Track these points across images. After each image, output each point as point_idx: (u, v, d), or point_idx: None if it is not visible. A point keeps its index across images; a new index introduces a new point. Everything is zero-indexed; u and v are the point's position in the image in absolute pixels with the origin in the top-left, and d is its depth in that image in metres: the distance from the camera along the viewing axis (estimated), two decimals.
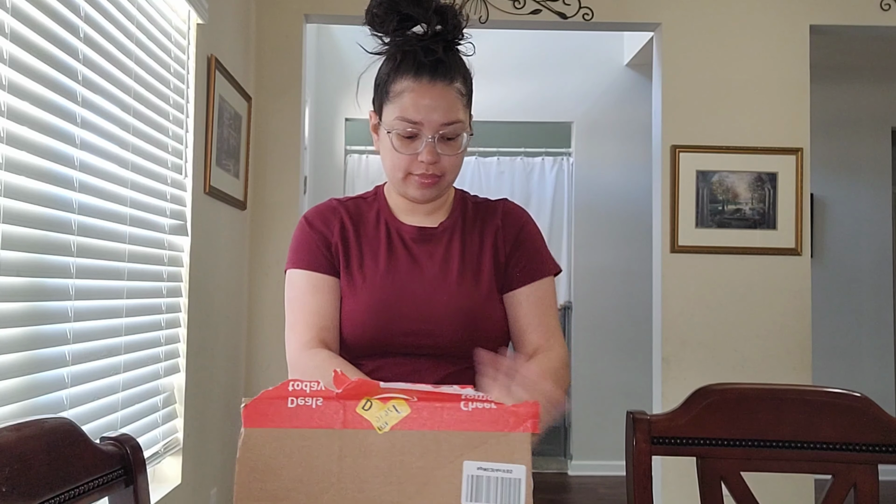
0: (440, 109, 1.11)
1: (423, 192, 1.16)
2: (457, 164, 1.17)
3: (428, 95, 1.11)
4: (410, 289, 1.17)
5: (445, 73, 1.12)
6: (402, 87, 1.12)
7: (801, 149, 3.06)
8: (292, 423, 0.75)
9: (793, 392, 1.14)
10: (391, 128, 1.13)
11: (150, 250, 1.94)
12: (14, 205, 1.29)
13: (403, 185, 1.17)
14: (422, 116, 1.11)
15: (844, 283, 4.41)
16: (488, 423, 0.74)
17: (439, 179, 1.15)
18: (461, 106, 1.14)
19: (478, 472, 0.73)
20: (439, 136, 1.12)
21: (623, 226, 4.40)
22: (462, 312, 1.15)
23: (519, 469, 0.73)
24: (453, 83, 1.13)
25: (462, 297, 1.16)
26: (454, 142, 1.14)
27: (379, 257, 1.20)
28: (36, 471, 0.77)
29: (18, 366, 1.32)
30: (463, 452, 0.73)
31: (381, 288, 1.17)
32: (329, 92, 4.40)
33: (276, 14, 3.02)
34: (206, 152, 2.30)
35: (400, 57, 1.14)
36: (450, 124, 1.12)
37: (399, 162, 1.14)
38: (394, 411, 0.75)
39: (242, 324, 2.88)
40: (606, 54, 4.46)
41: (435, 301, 1.16)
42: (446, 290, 1.16)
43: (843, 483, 1.10)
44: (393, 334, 1.15)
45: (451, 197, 1.27)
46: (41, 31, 1.37)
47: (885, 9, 3.08)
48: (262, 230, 2.98)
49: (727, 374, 2.99)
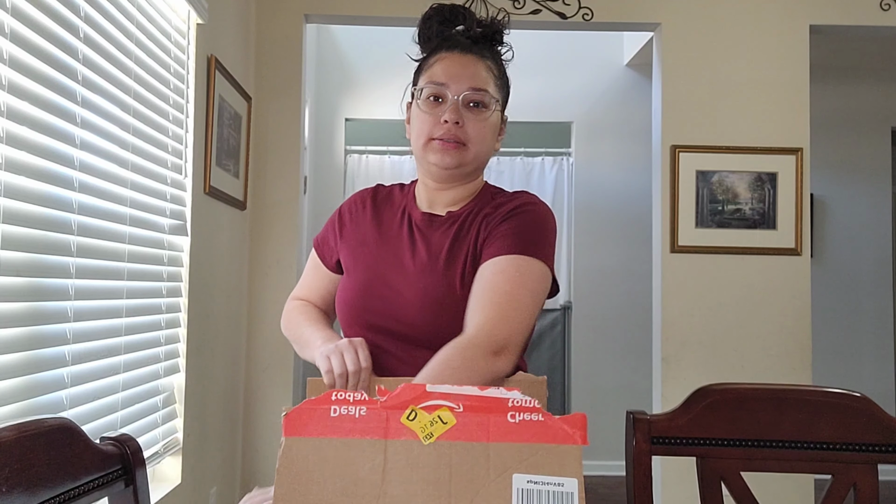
0: (468, 75, 1.14)
1: (442, 156, 1.14)
2: (482, 134, 1.16)
3: (458, 63, 1.15)
4: (396, 272, 1.16)
5: (478, 51, 1.17)
6: (435, 58, 1.18)
7: (801, 149, 3.06)
8: (335, 432, 0.73)
9: (793, 392, 1.13)
10: (420, 93, 1.17)
11: (150, 250, 1.94)
12: (14, 205, 1.29)
13: (424, 153, 1.17)
14: (448, 78, 1.14)
15: (844, 283, 4.40)
16: (536, 435, 0.73)
17: (461, 147, 1.14)
18: (491, 80, 1.17)
19: (528, 485, 0.71)
20: (464, 99, 1.13)
21: (623, 226, 4.40)
22: (435, 303, 1.12)
23: (571, 482, 0.71)
24: (483, 59, 1.17)
25: (437, 287, 1.13)
26: (481, 110, 1.15)
27: (383, 239, 1.21)
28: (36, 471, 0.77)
29: (18, 366, 1.32)
30: (512, 465, 0.72)
31: (370, 268, 1.19)
32: (329, 92, 4.40)
33: (276, 14, 3.02)
34: (205, 152, 2.30)
35: (439, 42, 1.20)
36: (477, 90, 1.14)
37: (424, 125, 1.16)
38: (439, 422, 0.73)
39: (242, 324, 2.88)
40: (606, 54, 4.46)
41: (413, 288, 1.14)
42: (425, 279, 1.14)
43: (842, 483, 1.10)
44: (372, 315, 1.15)
45: (476, 190, 1.23)
46: (41, 31, 1.37)
47: (885, 9, 3.08)
48: (262, 230, 2.98)
49: (727, 374, 2.99)
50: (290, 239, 2.99)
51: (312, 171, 4.27)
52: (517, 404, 0.74)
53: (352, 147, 4.54)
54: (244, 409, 2.90)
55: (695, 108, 3.08)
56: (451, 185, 1.20)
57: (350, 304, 1.18)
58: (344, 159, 4.51)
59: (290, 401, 2.93)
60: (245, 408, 2.90)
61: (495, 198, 1.22)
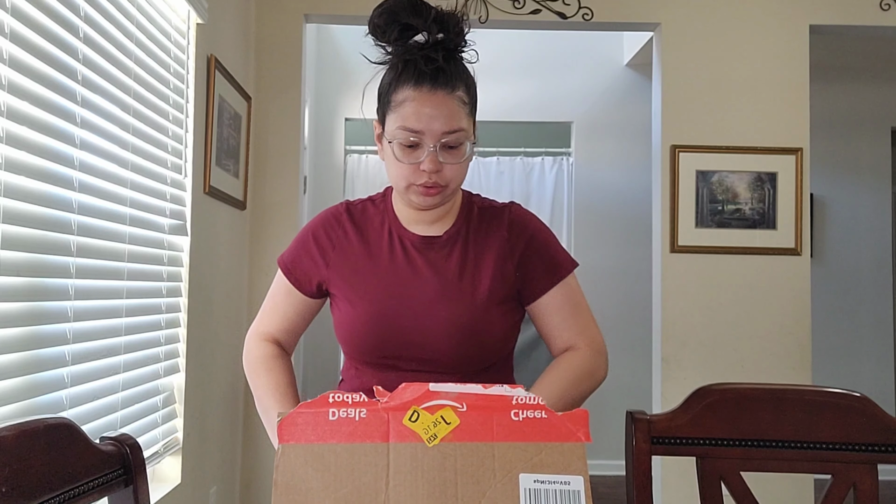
0: (441, 118, 1.09)
1: (426, 200, 1.15)
2: (460, 173, 1.15)
3: (429, 104, 1.09)
4: (409, 300, 1.15)
5: (447, 82, 1.10)
6: (403, 96, 1.11)
7: (801, 149, 3.06)
8: (334, 437, 0.70)
9: (793, 392, 1.13)
10: (393, 137, 1.12)
11: (150, 250, 1.94)
12: (14, 205, 1.29)
13: (407, 194, 1.16)
14: (423, 125, 1.09)
15: (844, 283, 4.40)
16: (541, 434, 0.72)
17: (443, 189, 1.14)
18: (464, 114, 1.12)
19: (535, 485, 0.71)
20: (441, 144, 1.10)
21: (623, 226, 4.40)
22: (459, 327, 1.14)
23: (577, 480, 0.71)
24: (455, 91, 1.11)
25: (460, 310, 1.14)
26: (457, 150, 1.12)
27: (379, 266, 1.19)
28: (36, 471, 0.77)
29: (18, 366, 1.32)
30: (517, 465, 0.71)
31: (378, 299, 1.16)
32: (329, 92, 4.40)
33: (276, 14, 3.02)
34: (205, 152, 2.30)
35: (401, 66, 1.12)
36: (452, 133, 1.10)
37: (402, 171, 1.13)
38: (442, 422, 0.72)
39: (242, 324, 2.88)
40: (606, 54, 4.46)
41: (433, 315, 1.14)
42: (445, 304, 1.15)
43: (842, 483, 1.10)
44: (390, 347, 1.15)
45: (457, 203, 1.24)
46: (41, 31, 1.37)
47: (885, 9, 3.08)
48: (262, 230, 2.98)
49: (727, 374, 2.99)
50: (289, 239, 2.97)
51: (312, 171, 4.27)
52: (521, 402, 0.74)
53: (352, 147, 4.53)
54: (244, 409, 2.90)
55: (695, 108, 3.08)
56: None
57: (360, 338, 1.17)
58: (344, 159, 4.51)
59: None
60: (245, 408, 2.90)
61: (483, 211, 1.24)
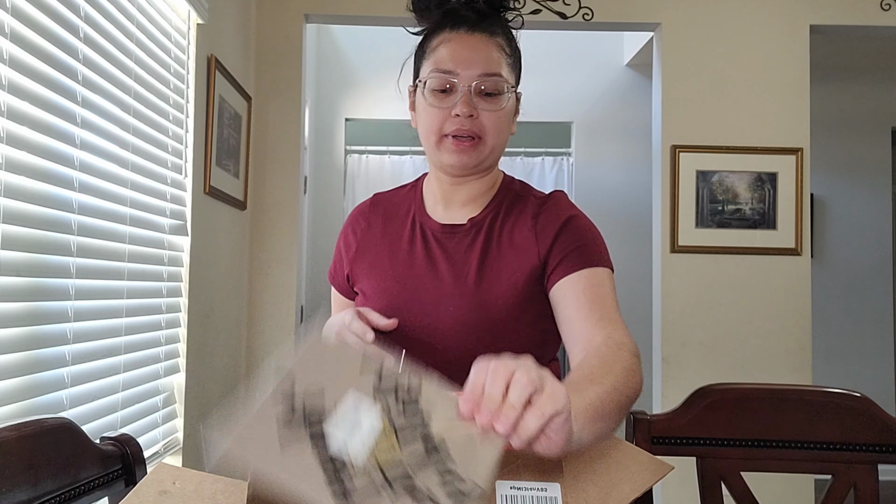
0: (478, 60, 1.01)
1: (458, 157, 1.04)
2: (498, 126, 1.04)
3: (465, 45, 1.02)
4: (420, 294, 1.06)
5: (486, 27, 1.03)
6: (439, 40, 1.04)
7: (801, 149, 3.06)
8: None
9: (793, 392, 1.14)
10: (427, 82, 1.04)
11: (150, 250, 1.94)
12: (14, 205, 1.29)
13: (438, 152, 1.06)
14: (458, 65, 1.01)
15: (844, 283, 4.40)
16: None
17: (477, 142, 1.03)
18: (504, 61, 1.04)
19: (511, 491, 0.70)
20: (476, 86, 1.01)
21: (623, 226, 4.40)
22: (470, 326, 1.03)
23: (554, 487, 0.71)
24: (494, 37, 1.04)
25: (473, 309, 1.03)
26: (495, 99, 1.03)
27: (397, 256, 1.11)
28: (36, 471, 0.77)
29: (18, 366, 1.32)
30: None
31: (390, 291, 1.09)
32: (329, 92, 4.40)
33: (276, 14, 3.02)
34: (205, 152, 2.30)
35: (440, 16, 1.06)
36: (490, 76, 1.02)
37: (433, 121, 1.04)
38: None
39: (242, 324, 2.88)
40: (606, 54, 4.46)
41: (443, 311, 1.04)
42: (456, 300, 1.04)
43: (843, 483, 1.10)
44: (399, 342, 1.06)
45: (496, 184, 1.13)
46: (41, 31, 1.37)
47: (886, 9, 3.08)
48: (262, 230, 2.98)
49: (727, 374, 2.99)
50: (290, 239, 2.99)
51: (312, 171, 4.27)
52: None
53: (352, 147, 4.54)
54: None
55: (695, 108, 3.08)
56: (468, 180, 1.11)
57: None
58: (344, 159, 4.51)
59: None
60: None
61: (518, 197, 1.11)
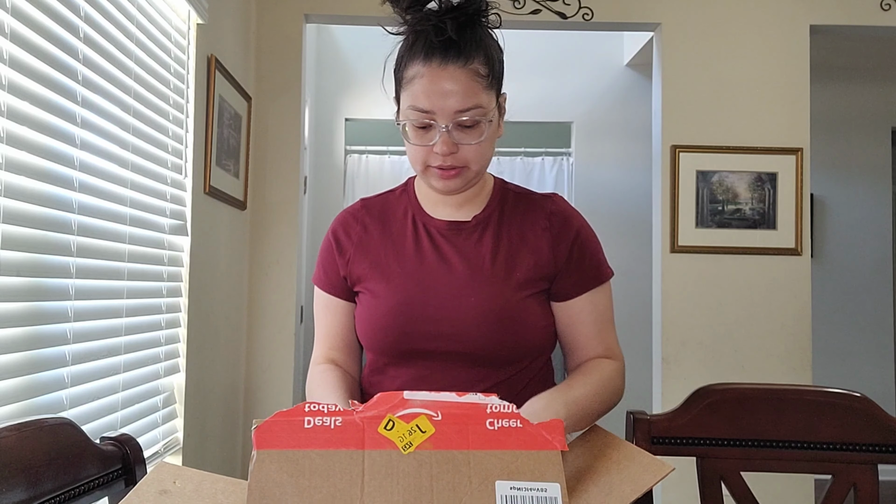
0: (454, 95, 1.01)
1: (445, 183, 1.07)
2: (481, 153, 1.06)
3: (439, 80, 1.00)
4: (436, 288, 1.08)
5: (459, 54, 1.01)
6: (412, 72, 1.03)
7: (801, 149, 3.06)
8: (309, 444, 0.70)
9: (793, 392, 1.14)
10: (405, 118, 1.05)
11: (150, 250, 1.94)
12: (14, 205, 1.29)
13: (426, 178, 1.10)
14: (433, 104, 1.01)
15: (844, 283, 4.40)
16: (516, 443, 0.72)
17: (462, 171, 1.06)
18: (481, 89, 1.03)
19: (511, 491, 0.70)
20: (454, 124, 1.02)
21: (623, 226, 4.40)
22: (493, 315, 1.06)
23: (554, 487, 0.71)
24: (469, 64, 1.02)
25: (494, 297, 1.07)
26: (474, 129, 1.04)
27: (403, 255, 1.12)
28: (36, 471, 0.77)
29: (18, 366, 1.32)
30: (493, 472, 0.71)
31: (403, 288, 1.09)
32: (329, 92, 4.39)
33: (276, 14, 3.02)
34: (205, 152, 2.30)
35: (412, 38, 1.04)
36: (466, 111, 1.02)
37: (416, 154, 1.07)
38: (417, 431, 0.72)
39: (242, 324, 2.88)
40: (606, 54, 4.46)
41: (463, 302, 1.06)
42: (476, 290, 1.07)
43: (842, 483, 1.10)
44: (416, 338, 1.07)
45: (488, 187, 1.17)
46: (41, 31, 1.37)
47: (886, 9, 3.08)
48: (262, 230, 2.98)
49: (727, 374, 2.99)
50: (290, 239, 2.99)
51: (312, 171, 4.27)
52: (496, 410, 0.74)
53: (352, 147, 4.53)
54: (244, 409, 2.90)
55: (695, 108, 3.08)
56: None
57: (382, 332, 1.09)
58: (344, 159, 4.50)
59: (290, 401, 2.93)
60: (245, 408, 2.90)
61: (519, 197, 1.18)
